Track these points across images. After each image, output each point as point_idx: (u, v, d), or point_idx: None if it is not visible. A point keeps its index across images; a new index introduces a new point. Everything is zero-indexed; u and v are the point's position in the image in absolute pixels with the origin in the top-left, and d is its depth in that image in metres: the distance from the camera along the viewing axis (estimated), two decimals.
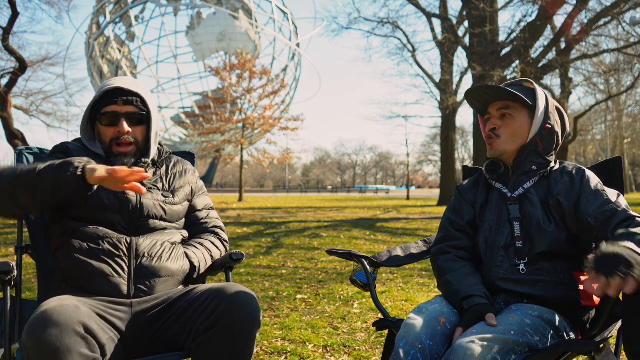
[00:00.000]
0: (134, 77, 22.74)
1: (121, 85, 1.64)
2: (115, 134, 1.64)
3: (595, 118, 39.74)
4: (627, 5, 13.94)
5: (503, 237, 1.56)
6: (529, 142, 1.61)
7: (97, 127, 1.69)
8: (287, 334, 2.99)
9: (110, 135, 1.65)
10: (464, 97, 1.88)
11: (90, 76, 41.01)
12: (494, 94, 1.64)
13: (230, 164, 30.45)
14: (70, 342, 1.19)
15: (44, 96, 24.01)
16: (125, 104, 1.64)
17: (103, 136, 1.67)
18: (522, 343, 1.28)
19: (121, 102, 1.64)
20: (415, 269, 5.34)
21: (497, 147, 1.63)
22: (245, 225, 10.86)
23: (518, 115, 1.62)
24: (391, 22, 19.51)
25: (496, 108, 1.65)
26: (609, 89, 27.03)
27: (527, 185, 1.60)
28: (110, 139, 1.65)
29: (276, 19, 43.33)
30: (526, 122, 1.62)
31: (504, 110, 1.63)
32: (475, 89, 1.66)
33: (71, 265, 1.51)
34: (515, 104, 1.62)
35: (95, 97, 1.65)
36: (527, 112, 1.62)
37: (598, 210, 1.46)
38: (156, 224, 1.65)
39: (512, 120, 1.62)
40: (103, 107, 1.65)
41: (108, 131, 1.65)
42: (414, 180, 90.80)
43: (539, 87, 1.66)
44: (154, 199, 1.66)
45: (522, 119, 1.62)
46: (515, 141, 1.62)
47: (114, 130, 1.65)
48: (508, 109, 1.62)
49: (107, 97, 1.64)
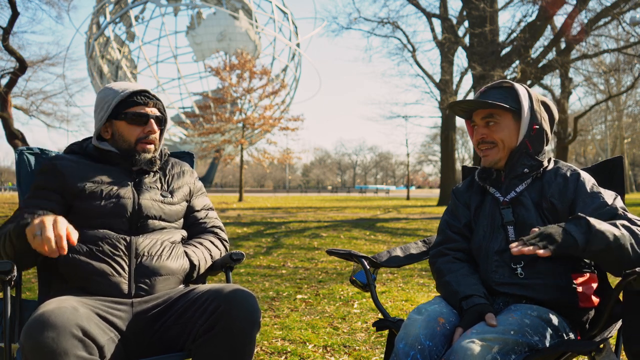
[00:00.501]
0: (134, 77, 22.80)
1: (146, 88, 1.75)
2: (143, 133, 1.71)
3: (595, 118, 39.74)
4: (627, 5, 13.94)
5: (497, 242, 1.55)
6: (518, 145, 1.60)
7: (118, 125, 1.71)
8: (287, 334, 2.99)
9: (137, 135, 1.70)
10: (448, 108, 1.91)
11: (90, 76, 41.02)
12: (474, 105, 1.64)
13: (230, 164, 30.46)
14: (67, 345, 1.19)
15: (44, 96, 24.07)
16: (154, 106, 1.74)
17: (127, 135, 1.70)
18: (521, 343, 1.28)
19: (151, 103, 1.73)
20: (415, 269, 5.34)
21: (493, 157, 1.62)
22: (245, 225, 10.86)
23: (503, 121, 1.61)
24: (391, 22, 19.52)
25: (480, 117, 1.64)
26: (609, 89, 27.04)
27: (520, 188, 1.59)
28: (136, 138, 1.70)
29: (276, 19, 43.35)
30: (513, 125, 1.61)
31: (488, 119, 1.62)
32: (455, 103, 1.67)
33: (71, 266, 1.51)
34: (498, 110, 1.61)
35: (121, 96, 1.69)
36: (511, 115, 1.61)
37: (595, 213, 1.45)
38: (155, 224, 1.66)
39: (498, 127, 1.61)
40: (129, 107, 1.70)
41: (135, 130, 1.70)
42: (414, 180, 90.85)
43: (520, 86, 1.64)
44: (152, 199, 1.67)
45: (508, 123, 1.61)
46: (506, 146, 1.61)
47: (142, 129, 1.71)
48: (492, 117, 1.61)
49: (134, 98, 1.71)
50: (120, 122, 1.70)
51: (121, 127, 1.71)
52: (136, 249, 1.56)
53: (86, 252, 1.52)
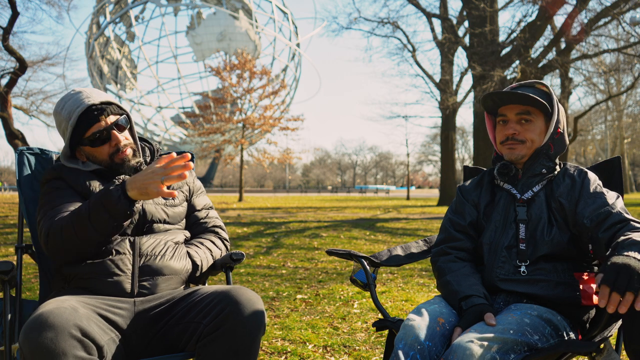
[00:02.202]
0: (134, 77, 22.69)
1: (92, 102, 1.58)
2: (111, 148, 1.62)
3: (595, 118, 39.76)
4: (627, 5, 13.92)
5: (507, 237, 1.56)
6: (542, 145, 1.61)
7: (85, 150, 1.64)
8: (287, 334, 2.99)
9: (108, 152, 1.62)
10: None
11: (90, 76, 41.02)
12: (514, 98, 1.61)
13: (230, 164, 30.42)
14: (65, 346, 1.19)
15: (44, 96, 24.07)
16: (110, 114, 1.61)
17: (99, 155, 1.63)
18: (521, 342, 1.28)
19: (104, 115, 1.60)
20: (415, 269, 5.34)
21: (519, 152, 1.61)
22: (245, 225, 10.86)
23: (537, 120, 1.61)
24: (391, 22, 19.50)
25: (514, 112, 1.62)
26: (609, 89, 27.04)
27: (537, 188, 1.60)
28: (108, 155, 1.63)
29: (276, 19, 43.33)
30: (543, 126, 1.62)
31: (524, 116, 1.61)
32: (496, 94, 1.62)
33: (74, 265, 1.52)
34: (535, 109, 1.61)
35: (70, 124, 1.57)
36: (543, 116, 1.62)
37: (594, 213, 1.46)
38: (160, 227, 1.67)
39: (532, 126, 1.61)
40: (86, 130, 1.58)
41: (103, 150, 1.62)
42: (414, 180, 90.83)
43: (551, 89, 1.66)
44: (155, 203, 1.67)
45: (540, 124, 1.62)
46: (534, 146, 1.62)
47: (109, 145, 1.62)
48: (528, 114, 1.61)
49: (85, 118, 1.58)
50: (86, 147, 1.63)
51: (89, 151, 1.64)
52: (140, 249, 1.57)
53: (90, 251, 1.52)
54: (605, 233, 1.41)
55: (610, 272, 1.17)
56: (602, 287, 1.16)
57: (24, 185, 1.78)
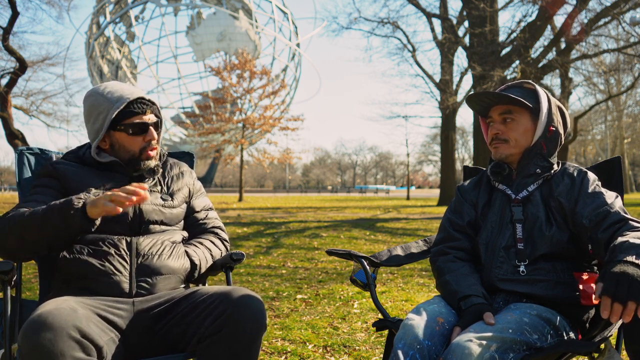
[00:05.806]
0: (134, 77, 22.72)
1: (141, 95, 1.68)
2: (145, 142, 1.68)
3: (595, 118, 39.76)
4: (627, 5, 13.92)
5: (505, 238, 1.56)
6: (533, 145, 1.61)
7: (117, 136, 1.67)
8: (287, 334, 2.99)
9: (140, 145, 1.68)
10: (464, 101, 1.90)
11: (90, 76, 41.04)
12: (494, 98, 1.64)
13: (230, 164, 30.43)
14: (64, 346, 1.19)
15: (44, 96, 24.09)
16: (151, 112, 1.70)
17: (129, 146, 1.67)
18: (520, 341, 1.28)
19: (149, 111, 1.68)
20: (415, 269, 5.34)
21: (503, 151, 1.63)
22: (245, 225, 10.86)
23: (520, 119, 1.62)
24: (391, 22, 19.50)
25: (498, 113, 1.64)
26: (609, 89, 27.01)
27: (532, 187, 1.60)
28: (139, 148, 1.68)
29: (276, 19, 43.35)
30: (530, 125, 1.62)
31: (505, 115, 1.62)
32: (475, 95, 1.65)
33: (72, 266, 1.52)
34: (517, 107, 1.62)
35: (117, 106, 1.62)
36: (529, 115, 1.62)
37: (593, 212, 1.46)
38: (156, 228, 1.66)
39: (515, 125, 1.62)
40: (127, 118, 1.65)
41: (136, 140, 1.67)
42: (414, 180, 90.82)
43: (540, 88, 1.66)
44: (152, 204, 1.67)
45: (525, 122, 1.62)
46: (519, 145, 1.62)
47: (142, 138, 1.68)
48: (510, 113, 1.62)
49: (131, 107, 1.65)
50: (120, 133, 1.66)
51: (121, 139, 1.67)
52: (137, 249, 1.57)
53: (87, 252, 1.52)
54: (605, 233, 1.41)
55: (609, 282, 1.17)
56: (603, 299, 1.16)
57: (23, 185, 1.78)
